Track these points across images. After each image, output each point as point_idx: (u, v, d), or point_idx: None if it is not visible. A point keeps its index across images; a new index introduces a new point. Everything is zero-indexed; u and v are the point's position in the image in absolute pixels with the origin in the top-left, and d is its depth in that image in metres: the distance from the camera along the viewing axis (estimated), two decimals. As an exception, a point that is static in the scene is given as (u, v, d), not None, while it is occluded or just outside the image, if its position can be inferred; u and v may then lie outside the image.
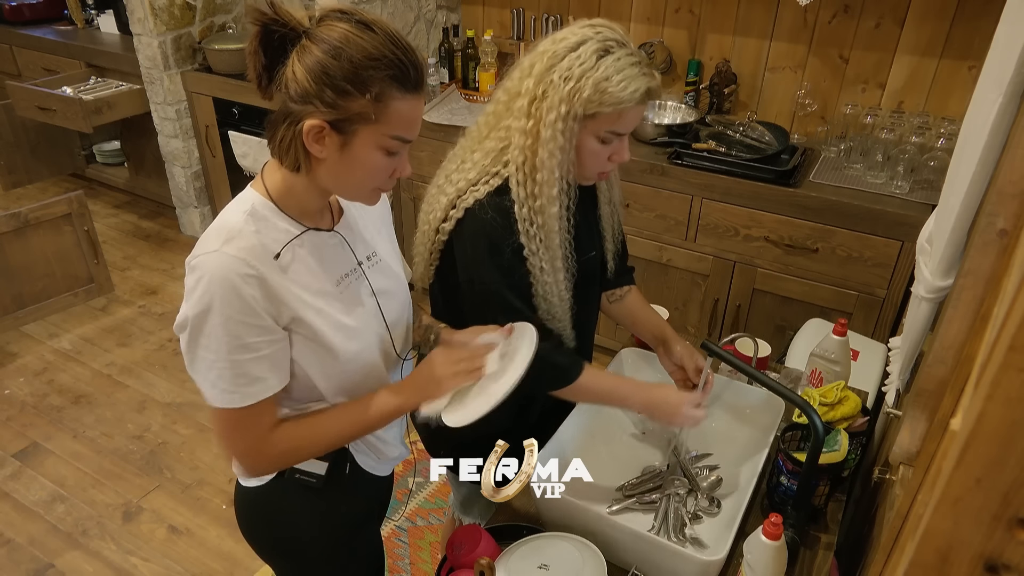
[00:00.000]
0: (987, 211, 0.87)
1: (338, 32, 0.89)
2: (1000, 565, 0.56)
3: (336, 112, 0.91)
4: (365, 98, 0.90)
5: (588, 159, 1.20)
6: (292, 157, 0.97)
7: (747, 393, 1.48)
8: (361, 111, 0.91)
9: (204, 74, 3.49)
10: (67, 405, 2.81)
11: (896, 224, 2.16)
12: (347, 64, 0.89)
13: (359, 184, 1.00)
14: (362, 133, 0.93)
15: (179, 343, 1.00)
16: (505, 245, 1.21)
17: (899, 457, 1.10)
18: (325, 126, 0.92)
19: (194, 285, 0.94)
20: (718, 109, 2.73)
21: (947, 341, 0.98)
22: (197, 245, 0.97)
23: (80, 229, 3.24)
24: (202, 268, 0.94)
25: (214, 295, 0.93)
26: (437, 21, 3.24)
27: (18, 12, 4.22)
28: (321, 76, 0.89)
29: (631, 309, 1.56)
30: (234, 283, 0.93)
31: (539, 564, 1.14)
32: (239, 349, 0.96)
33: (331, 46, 0.89)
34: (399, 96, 0.92)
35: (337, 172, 0.97)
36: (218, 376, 0.97)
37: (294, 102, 0.92)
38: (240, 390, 0.98)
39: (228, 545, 2.25)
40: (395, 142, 0.96)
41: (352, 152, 0.95)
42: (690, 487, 1.34)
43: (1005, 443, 0.51)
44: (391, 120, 0.93)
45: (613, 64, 1.12)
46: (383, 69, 0.90)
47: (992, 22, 1.06)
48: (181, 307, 0.98)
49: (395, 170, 1.00)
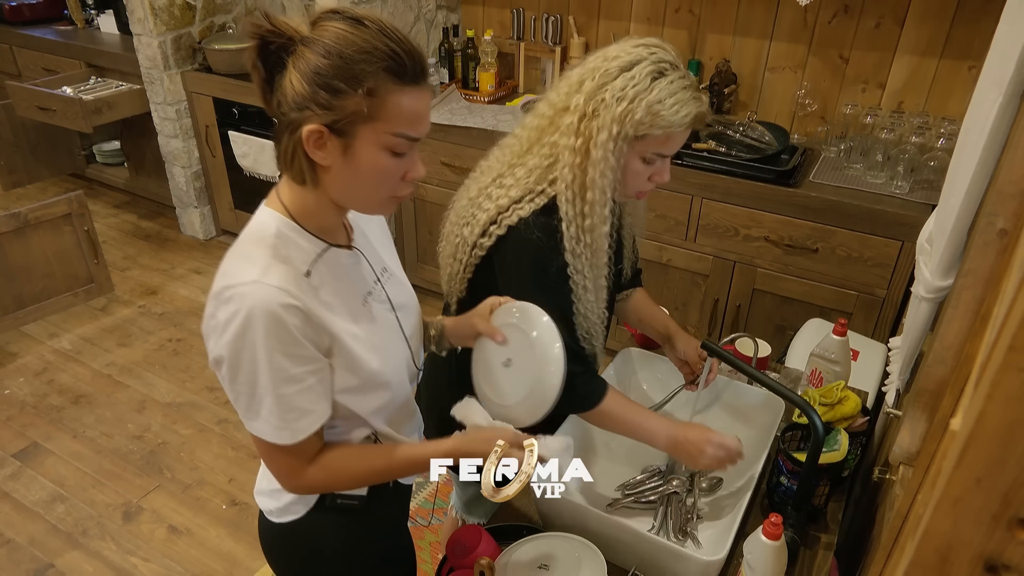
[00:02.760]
0: (987, 211, 0.88)
1: (329, 32, 0.87)
2: (1000, 565, 0.56)
3: (332, 113, 0.87)
4: (359, 94, 0.86)
5: (630, 179, 1.20)
6: (297, 169, 0.93)
7: (747, 393, 1.49)
8: (357, 109, 0.87)
9: (204, 74, 3.49)
10: (67, 405, 2.81)
11: (896, 224, 2.16)
12: (338, 61, 0.85)
13: (370, 191, 0.95)
14: (363, 133, 0.88)
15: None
16: (550, 265, 1.20)
17: (899, 457, 1.10)
18: (323, 130, 0.88)
19: (230, 317, 0.89)
20: (718, 109, 2.73)
21: (947, 341, 0.98)
22: (227, 275, 0.92)
23: (80, 229, 3.24)
24: (240, 300, 0.88)
25: (256, 328, 0.88)
26: (437, 21, 3.24)
27: (18, 12, 4.22)
28: (313, 77, 0.86)
29: (636, 307, 1.57)
30: (277, 314, 0.88)
31: (539, 564, 1.14)
32: (286, 382, 0.92)
33: (323, 46, 0.86)
34: (396, 89, 0.87)
35: (344, 180, 0.93)
36: (268, 412, 0.93)
37: (292, 110, 0.88)
38: (290, 426, 0.95)
39: (228, 545, 2.25)
40: (399, 140, 0.90)
41: (355, 156, 0.90)
42: (689, 487, 1.34)
43: (1005, 443, 0.51)
44: (391, 116, 0.88)
45: (667, 87, 1.11)
46: (375, 62, 0.86)
47: (992, 22, 1.06)
48: (211, 341, 0.93)
49: (406, 172, 0.94)
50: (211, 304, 0.92)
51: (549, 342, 1.09)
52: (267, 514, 1.14)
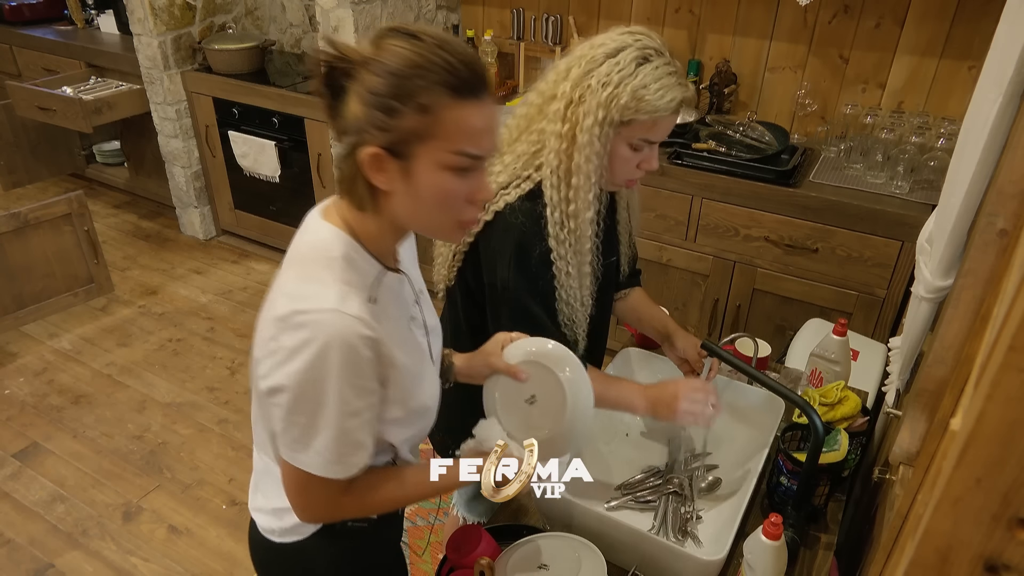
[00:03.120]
0: (987, 211, 0.88)
1: (387, 51, 0.83)
2: (1000, 565, 0.56)
3: (390, 134, 0.82)
4: (413, 111, 0.82)
5: (619, 165, 1.20)
6: (357, 195, 0.89)
7: (747, 393, 1.49)
8: (413, 127, 0.82)
9: (204, 74, 3.49)
10: (67, 405, 2.81)
11: (896, 224, 2.16)
12: (392, 79, 0.81)
13: (433, 216, 0.89)
14: (422, 153, 0.84)
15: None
16: (533, 250, 1.21)
17: (899, 457, 1.10)
18: (382, 152, 0.83)
19: (299, 345, 0.84)
20: (718, 109, 2.73)
21: (947, 341, 0.98)
22: (296, 297, 0.86)
23: (80, 229, 3.24)
24: (315, 328, 0.83)
25: (331, 360, 0.84)
26: (437, 21, 3.24)
27: (18, 12, 4.22)
28: (368, 98, 0.82)
29: (634, 306, 1.57)
30: (355, 346, 0.84)
31: (539, 564, 1.14)
32: (349, 416, 0.88)
33: (378, 65, 0.82)
34: (453, 103, 0.82)
35: (407, 204, 0.88)
36: (323, 445, 0.89)
37: (352, 134, 0.85)
38: (345, 460, 0.91)
39: (228, 545, 2.25)
40: (461, 158, 0.84)
41: (416, 178, 0.85)
42: (689, 487, 1.34)
43: (1005, 443, 0.51)
44: (450, 132, 0.83)
45: (651, 72, 1.12)
46: (430, 76, 0.81)
47: (992, 22, 1.06)
48: (268, 365, 0.87)
49: (472, 193, 0.89)
50: (272, 327, 0.87)
51: (578, 378, 1.08)
52: (265, 532, 1.09)
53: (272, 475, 1.07)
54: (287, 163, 3.43)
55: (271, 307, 0.90)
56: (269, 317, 0.88)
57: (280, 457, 0.95)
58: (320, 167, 3.33)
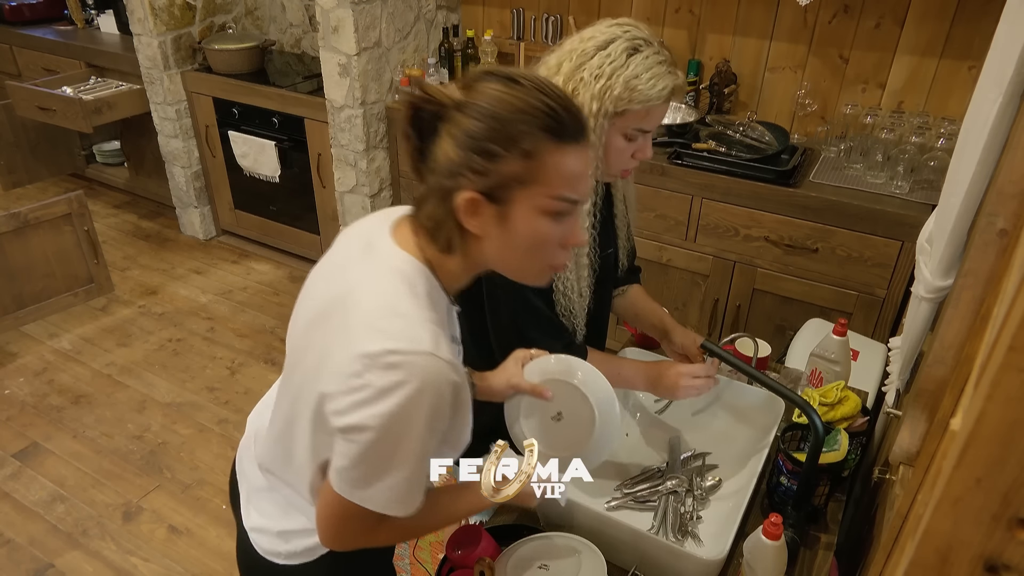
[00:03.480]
0: (987, 211, 0.88)
1: (483, 94, 0.82)
2: (1000, 565, 0.56)
3: (488, 179, 0.82)
4: (516, 157, 0.81)
5: (613, 156, 1.22)
6: (444, 237, 0.87)
7: (747, 393, 1.49)
8: (514, 172, 0.82)
9: (204, 74, 3.49)
10: (67, 405, 2.81)
11: (896, 224, 2.16)
12: (493, 123, 0.81)
13: (525, 260, 0.89)
14: (520, 198, 0.83)
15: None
16: None
17: (899, 457, 1.10)
18: (479, 197, 0.82)
19: (391, 387, 0.80)
20: (718, 109, 2.73)
21: (947, 341, 0.98)
22: (387, 335, 0.82)
23: (80, 229, 3.24)
24: (410, 371, 0.80)
25: (422, 405, 0.82)
26: (437, 21, 3.24)
27: (18, 12, 4.22)
28: (467, 143, 0.81)
29: (632, 302, 1.58)
30: (444, 392, 0.83)
31: (539, 564, 1.14)
32: (423, 459, 0.87)
33: (476, 109, 0.81)
34: (555, 148, 0.82)
35: (498, 248, 0.87)
36: (391, 485, 0.86)
37: (445, 177, 0.84)
38: (408, 499, 0.89)
39: (228, 545, 2.25)
40: (560, 203, 0.84)
41: (512, 223, 0.84)
42: (688, 486, 1.34)
43: (1005, 443, 0.51)
44: (550, 178, 0.83)
45: (643, 62, 1.14)
46: (532, 122, 0.81)
47: (992, 22, 1.06)
48: (348, 401, 0.83)
49: (566, 237, 0.88)
50: (358, 362, 0.82)
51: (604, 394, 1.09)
52: (267, 555, 1.05)
53: (275, 496, 1.05)
54: (287, 163, 3.44)
55: (352, 338, 0.84)
56: (354, 352, 0.83)
57: (322, 487, 0.92)
58: (320, 167, 3.33)
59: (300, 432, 0.94)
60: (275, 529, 1.05)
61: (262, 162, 3.47)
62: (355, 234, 1.00)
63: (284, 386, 1.01)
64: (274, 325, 3.28)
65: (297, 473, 0.98)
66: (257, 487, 1.09)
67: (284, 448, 1.00)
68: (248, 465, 1.13)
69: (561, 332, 1.30)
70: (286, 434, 0.98)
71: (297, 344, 0.97)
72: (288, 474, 1.01)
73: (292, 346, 0.99)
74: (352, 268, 0.93)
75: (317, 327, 0.92)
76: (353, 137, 3.06)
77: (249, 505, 1.10)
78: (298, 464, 0.97)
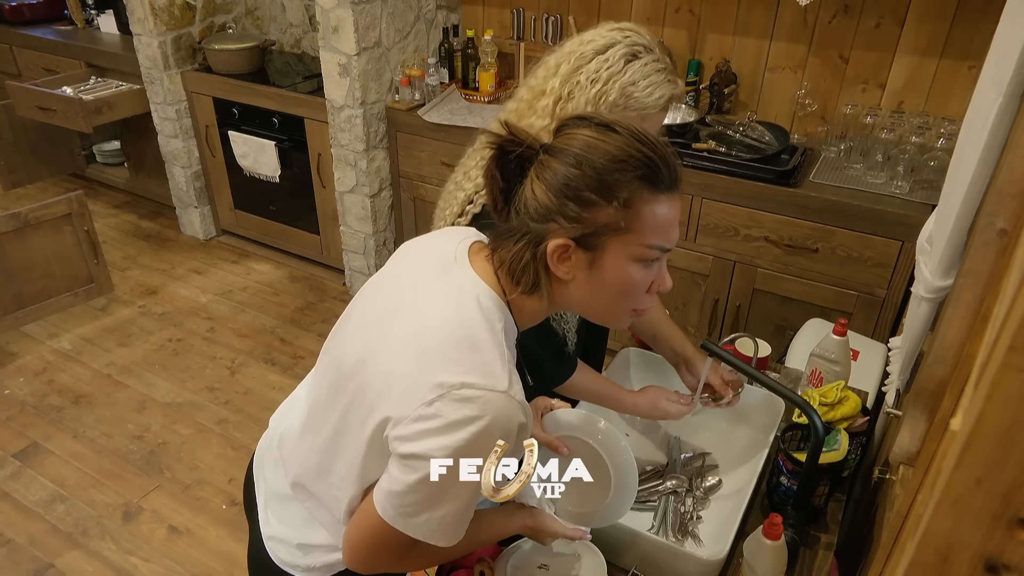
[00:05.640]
0: (987, 211, 0.88)
1: (578, 140, 0.82)
2: (1000, 565, 0.56)
3: (582, 226, 0.81)
4: (613, 206, 0.81)
5: None
6: (529, 279, 0.86)
7: (747, 393, 1.48)
8: (609, 221, 0.81)
9: (204, 74, 3.49)
10: (67, 405, 2.81)
11: (896, 224, 2.16)
12: (590, 171, 0.80)
13: (613, 305, 0.89)
14: (613, 246, 0.83)
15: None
16: None
17: (899, 457, 1.10)
18: (571, 244, 0.82)
19: (464, 421, 0.80)
20: (718, 109, 2.73)
21: (947, 341, 0.98)
22: (464, 368, 0.81)
23: (80, 229, 3.23)
24: (485, 407, 0.80)
25: (489, 442, 0.81)
26: (437, 21, 3.24)
27: (18, 12, 4.22)
28: (562, 189, 0.81)
29: (652, 322, 1.51)
30: (513, 432, 0.83)
31: (539, 564, 1.14)
32: (477, 494, 0.86)
33: (572, 156, 0.81)
34: (651, 198, 0.82)
35: (585, 293, 0.87)
36: (442, 516, 0.85)
37: (534, 221, 0.83)
38: (454, 531, 0.88)
39: (228, 545, 2.25)
40: (652, 251, 0.85)
41: (602, 269, 0.84)
42: (688, 486, 1.34)
43: (1005, 443, 0.51)
44: (645, 227, 0.82)
45: (640, 69, 1.13)
46: (630, 171, 0.81)
47: (992, 22, 1.06)
48: (416, 428, 0.81)
49: (653, 283, 0.89)
50: (430, 391, 0.81)
51: (622, 455, 1.09)
52: (284, 565, 1.03)
53: (298, 507, 1.02)
54: (287, 163, 3.44)
55: (427, 365, 0.83)
56: (429, 381, 0.81)
57: (360, 507, 0.91)
58: (320, 167, 3.33)
59: (349, 450, 0.91)
60: (295, 541, 1.03)
61: (262, 162, 3.47)
62: (425, 251, 0.98)
63: (331, 395, 0.96)
64: (274, 325, 3.28)
65: (334, 489, 0.96)
66: (277, 494, 1.07)
67: (322, 461, 0.97)
68: (270, 469, 1.09)
69: (551, 337, 1.29)
70: (329, 448, 0.95)
71: (347, 352, 0.94)
72: (321, 488, 0.98)
73: (341, 353, 0.96)
74: (425, 287, 0.91)
75: (378, 339, 0.90)
76: (353, 137, 3.06)
77: (268, 511, 1.08)
78: (337, 480, 0.94)
